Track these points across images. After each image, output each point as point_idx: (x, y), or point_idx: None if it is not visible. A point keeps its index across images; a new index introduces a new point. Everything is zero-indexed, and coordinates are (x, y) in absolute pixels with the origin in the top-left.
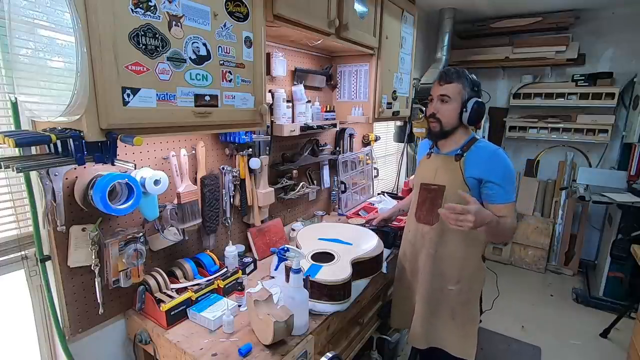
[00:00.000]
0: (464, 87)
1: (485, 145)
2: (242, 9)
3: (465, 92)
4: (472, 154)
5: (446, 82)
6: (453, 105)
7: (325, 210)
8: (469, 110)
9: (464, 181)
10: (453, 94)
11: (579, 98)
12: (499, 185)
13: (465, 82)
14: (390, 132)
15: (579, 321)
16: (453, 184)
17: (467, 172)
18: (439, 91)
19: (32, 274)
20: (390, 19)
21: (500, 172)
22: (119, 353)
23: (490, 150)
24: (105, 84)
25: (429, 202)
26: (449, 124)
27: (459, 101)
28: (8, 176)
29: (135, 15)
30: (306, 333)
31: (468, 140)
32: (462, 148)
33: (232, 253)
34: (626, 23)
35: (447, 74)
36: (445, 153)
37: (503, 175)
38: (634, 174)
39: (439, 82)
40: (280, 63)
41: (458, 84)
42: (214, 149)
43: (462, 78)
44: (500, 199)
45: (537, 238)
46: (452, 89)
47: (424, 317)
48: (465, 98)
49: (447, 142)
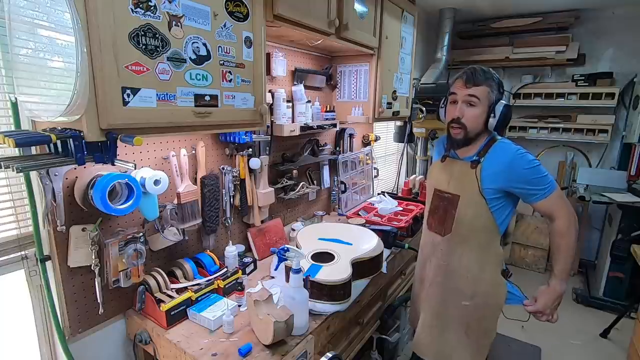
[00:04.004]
0: (491, 90)
1: (505, 148)
2: (242, 9)
3: (492, 94)
4: (489, 159)
5: (474, 84)
6: (480, 109)
7: (325, 210)
8: (497, 116)
9: (480, 192)
10: (482, 96)
11: (579, 98)
12: (530, 186)
13: (493, 84)
14: (390, 132)
15: (579, 321)
16: (468, 195)
17: (485, 181)
18: (466, 92)
19: (32, 274)
20: (390, 19)
21: (526, 170)
22: (119, 353)
23: (510, 153)
24: (105, 84)
25: (442, 211)
26: (474, 130)
27: (486, 105)
28: (8, 176)
29: (135, 15)
30: (306, 333)
31: (486, 141)
32: (479, 152)
33: (232, 253)
34: (626, 23)
35: (475, 75)
36: (461, 158)
37: (530, 171)
38: (634, 174)
39: (465, 84)
40: (280, 63)
41: (486, 86)
42: (214, 149)
43: (490, 79)
44: (541, 196)
45: (537, 238)
46: (480, 92)
47: (432, 330)
48: (493, 101)
49: (468, 147)
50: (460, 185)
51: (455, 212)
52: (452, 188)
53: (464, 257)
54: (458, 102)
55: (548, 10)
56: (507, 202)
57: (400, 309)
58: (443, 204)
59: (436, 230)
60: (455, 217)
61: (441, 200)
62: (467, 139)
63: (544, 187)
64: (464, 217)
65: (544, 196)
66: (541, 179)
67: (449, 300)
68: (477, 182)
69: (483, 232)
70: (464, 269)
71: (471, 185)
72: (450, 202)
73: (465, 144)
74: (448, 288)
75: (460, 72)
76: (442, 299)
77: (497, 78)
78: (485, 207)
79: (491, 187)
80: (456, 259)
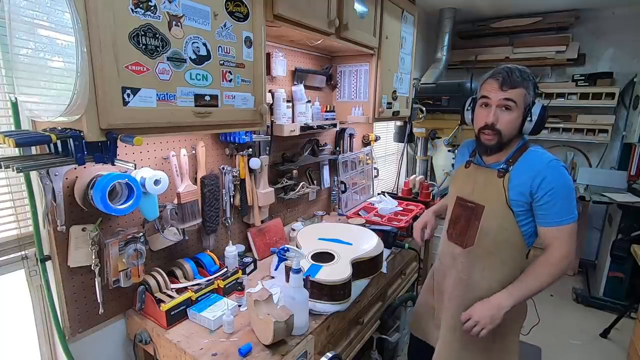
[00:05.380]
0: (528, 92)
1: (539, 155)
2: (242, 9)
3: (529, 96)
4: (519, 167)
5: (511, 87)
6: (516, 113)
7: (325, 210)
8: (534, 119)
9: (507, 203)
10: (518, 100)
11: (579, 98)
12: (553, 199)
13: (530, 85)
14: (390, 132)
15: (579, 321)
16: (493, 205)
17: (512, 192)
18: (502, 96)
19: (32, 274)
20: (390, 19)
21: (555, 182)
22: (119, 353)
23: (545, 160)
24: (105, 84)
25: (464, 221)
26: (509, 135)
27: (522, 108)
28: (8, 176)
29: (135, 15)
30: (306, 333)
31: (518, 147)
32: (508, 160)
33: (232, 253)
34: (626, 23)
35: (512, 76)
36: (488, 165)
37: (559, 186)
38: (634, 174)
39: (501, 87)
40: (280, 63)
41: (523, 88)
42: (214, 149)
43: (526, 80)
44: (552, 219)
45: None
46: (517, 94)
47: (453, 346)
48: (529, 103)
49: (498, 154)
50: (485, 195)
51: (479, 223)
52: (476, 197)
53: (485, 271)
54: (492, 106)
55: (548, 10)
56: None
57: (400, 309)
58: (466, 214)
59: (457, 241)
60: (478, 228)
61: (464, 210)
62: (501, 145)
63: (564, 211)
64: (489, 230)
65: (559, 223)
66: (567, 202)
67: None
68: (505, 193)
69: (508, 246)
70: (486, 284)
71: (497, 196)
72: (473, 212)
73: (497, 150)
74: (468, 303)
75: (491, 71)
76: (460, 314)
77: (533, 77)
78: (512, 219)
79: (519, 199)
80: (477, 273)
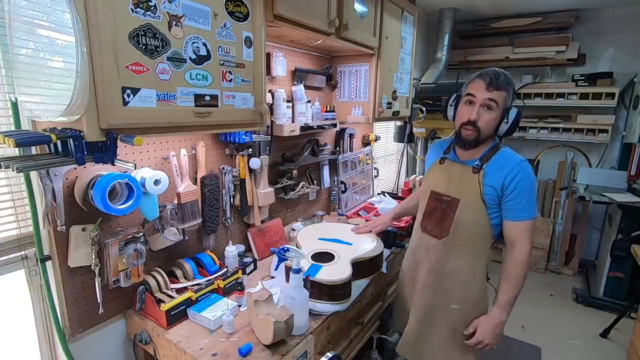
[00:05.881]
0: (509, 95)
1: (511, 155)
2: (242, 9)
3: (509, 100)
4: (492, 165)
5: (496, 88)
6: (496, 113)
7: (325, 210)
8: (510, 122)
9: (482, 198)
10: (500, 101)
11: (579, 98)
12: (518, 196)
13: (510, 89)
14: (390, 132)
15: (579, 321)
16: (468, 199)
17: (486, 187)
18: (487, 96)
19: (32, 274)
20: (390, 19)
21: (523, 181)
22: (119, 353)
23: (516, 160)
24: (105, 84)
25: (439, 214)
26: (487, 133)
27: (501, 110)
28: (8, 176)
29: (135, 15)
30: (306, 333)
31: (490, 148)
32: (482, 158)
33: (232, 253)
34: (626, 23)
35: (497, 78)
36: (462, 162)
37: (525, 185)
38: (634, 174)
39: (487, 87)
40: (280, 63)
41: (505, 91)
42: (214, 149)
43: (509, 84)
44: (518, 214)
45: (537, 238)
46: (500, 96)
47: (420, 333)
48: (508, 106)
49: (473, 151)
50: (460, 189)
51: (454, 215)
52: (451, 191)
53: (458, 261)
54: (476, 104)
55: (548, 10)
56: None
57: None
58: (441, 207)
59: (431, 232)
60: (454, 220)
61: (439, 203)
62: (478, 141)
63: (527, 209)
64: (463, 222)
65: (522, 218)
66: (529, 200)
67: (438, 303)
68: (479, 188)
69: (479, 237)
70: (457, 273)
71: (472, 190)
72: (449, 205)
73: (474, 145)
74: (439, 291)
75: (479, 72)
76: (431, 302)
77: (513, 83)
78: (484, 212)
79: (491, 193)
80: (451, 263)
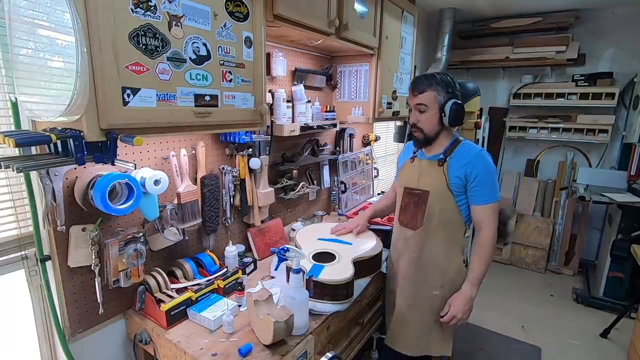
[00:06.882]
0: (438, 93)
1: (469, 147)
2: (242, 9)
3: (440, 96)
4: (455, 157)
5: (419, 92)
6: (431, 112)
7: (325, 210)
8: (447, 114)
9: (448, 187)
10: (428, 102)
11: (579, 98)
12: (480, 183)
13: (438, 87)
14: (390, 132)
15: (579, 321)
16: (437, 190)
17: (451, 177)
18: (415, 101)
19: (32, 274)
20: (390, 19)
21: (482, 169)
22: (119, 353)
23: (475, 151)
24: (105, 84)
25: (413, 207)
26: (431, 131)
27: (436, 107)
28: (8, 176)
29: (135, 15)
30: (306, 333)
31: (451, 142)
32: (445, 152)
33: (232, 253)
34: (626, 23)
35: (417, 83)
36: (429, 157)
37: (485, 172)
38: (634, 174)
39: (412, 93)
40: (280, 63)
41: (431, 91)
42: (214, 149)
43: (433, 84)
44: (482, 199)
45: (537, 238)
46: (426, 98)
47: (407, 323)
48: (442, 102)
49: (432, 146)
50: (429, 182)
51: (425, 206)
52: (421, 184)
53: (433, 248)
54: (412, 110)
55: (548, 10)
56: None
57: None
58: (414, 200)
59: (408, 225)
60: (425, 211)
61: (412, 197)
62: (428, 139)
63: (489, 193)
64: (434, 211)
65: (486, 202)
66: (491, 185)
67: (421, 292)
68: (445, 178)
69: (450, 224)
70: (434, 261)
71: (439, 181)
72: (420, 198)
73: (427, 143)
74: (420, 280)
75: None
76: (414, 291)
77: (445, 80)
78: (452, 201)
79: (457, 182)
80: (427, 251)
